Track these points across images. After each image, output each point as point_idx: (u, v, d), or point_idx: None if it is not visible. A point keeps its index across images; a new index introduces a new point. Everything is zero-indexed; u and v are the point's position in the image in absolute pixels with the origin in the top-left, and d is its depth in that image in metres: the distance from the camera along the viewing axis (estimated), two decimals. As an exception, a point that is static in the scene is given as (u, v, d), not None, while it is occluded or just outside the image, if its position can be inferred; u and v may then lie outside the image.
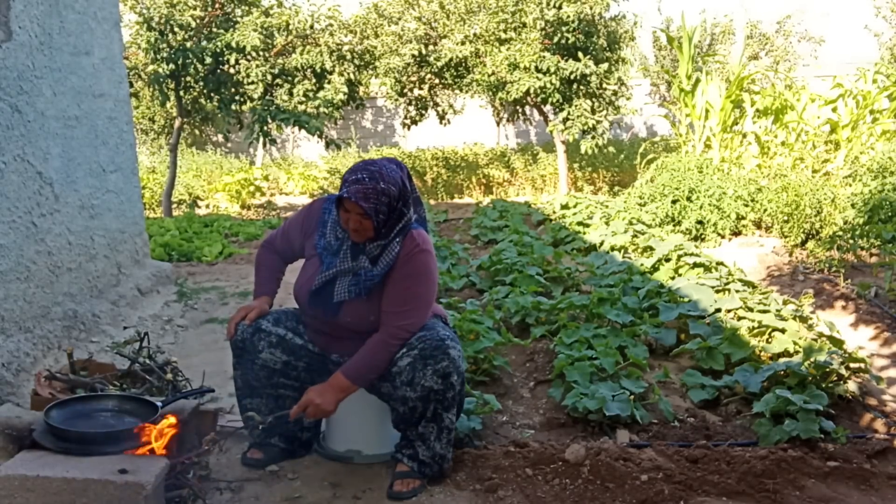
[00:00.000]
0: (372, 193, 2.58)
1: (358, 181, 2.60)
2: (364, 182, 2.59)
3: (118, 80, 5.15)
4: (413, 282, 2.69)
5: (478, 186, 13.97)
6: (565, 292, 5.43)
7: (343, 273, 2.73)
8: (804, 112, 9.58)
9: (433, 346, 2.64)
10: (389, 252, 2.69)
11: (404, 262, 2.69)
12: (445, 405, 2.70)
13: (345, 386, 2.68)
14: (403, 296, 2.68)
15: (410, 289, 2.69)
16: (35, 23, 4.00)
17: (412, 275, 2.69)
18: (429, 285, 2.74)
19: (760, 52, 16.14)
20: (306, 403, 2.66)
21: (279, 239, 3.01)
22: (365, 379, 2.71)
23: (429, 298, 2.74)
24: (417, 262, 2.69)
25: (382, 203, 2.61)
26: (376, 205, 2.59)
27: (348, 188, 2.59)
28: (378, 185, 2.60)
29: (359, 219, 2.62)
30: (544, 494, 2.70)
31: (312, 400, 2.65)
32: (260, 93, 10.17)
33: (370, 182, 2.59)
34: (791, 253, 6.92)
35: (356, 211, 2.61)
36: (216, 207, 12.81)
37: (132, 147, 5.38)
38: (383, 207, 2.62)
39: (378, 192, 2.59)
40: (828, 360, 3.59)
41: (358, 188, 2.58)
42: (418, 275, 2.70)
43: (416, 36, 11.46)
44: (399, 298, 2.68)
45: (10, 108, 3.73)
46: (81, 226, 4.47)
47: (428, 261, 2.72)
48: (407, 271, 2.69)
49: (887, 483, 2.81)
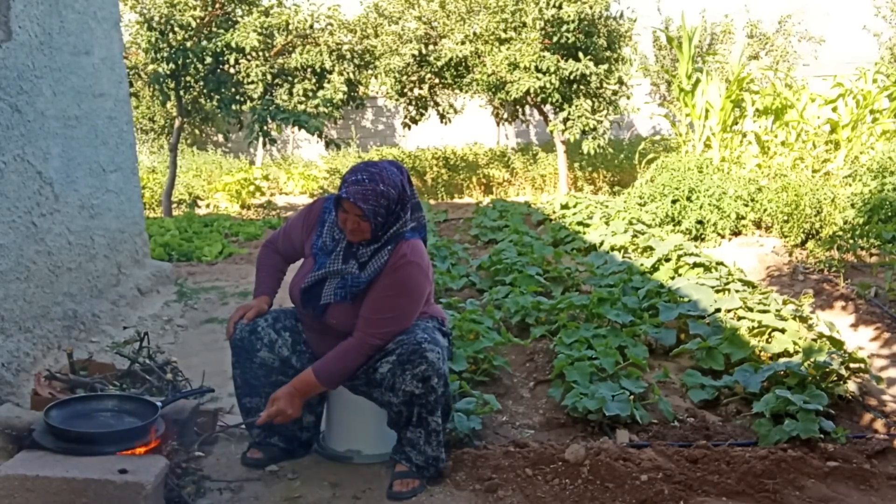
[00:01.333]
0: (371, 195, 2.58)
1: (357, 182, 2.59)
2: (364, 183, 2.59)
3: (118, 80, 5.15)
4: (395, 292, 2.67)
5: (478, 186, 13.96)
6: (565, 292, 5.43)
7: (332, 275, 2.73)
8: (804, 112, 9.57)
9: (410, 350, 2.63)
10: (378, 259, 2.68)
11: (391, 271, 2.67)
12: (429, 408, 2.69)
13: (312, 386, 2.66)
14: (383, 305, 2.66)
15: (392, 299, 2.67)
16: (35, 22, 4.00)
17: (396, 285, 2.67)
18: (411, 297, 2.71)
19: (761, 52, 16.13)
20: (277, 413, 2.64)
21: (281, 238, 3.01)
22: (334, 380, 2.69)
23: (409, 311, 2.71)
24: (403, 273, 2.68)
25: (381, 206, 2.60)
26: (375, 207, 2.59)
27: (347, 189, 2.59)
28: (378, 186, 2.59)
29: (357, 220, 2.62)
30: (544, 494, 2.70)
31: (284, 411, 2.63)
32: (260, 92, 10.17)
33: (370, 184, 2.59)
34: (791, 253, 6.92)
35: (354, 212, 2.61)
36: (216, 207, 12.80)
37: (132, 147, 5.38)
38: (381, 210, 2.61)
39: (377, 195, 2.59)
40: (828, 360, 3.59)
41: (357, 189, 2.58)
42: (402, 286, 2.68)
43: (416, 35, 11.45)
44: (378, 306, 2.66)
45: (10, 108, 3.73)
46: (81, 226, 4.47)
47: (414, 273, 2.70)
48: (391, 281, 2.67)
49: (887, 483, 2.81)
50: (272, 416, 2.65)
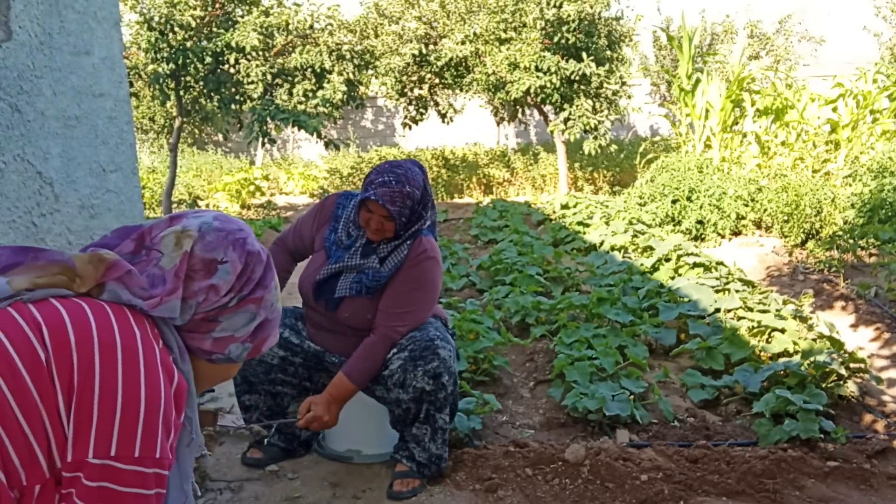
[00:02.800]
0: (398, 197, 2.60)
1: (385, 184, 2.60)
2: (391, 185, 2.60)
3: (118, 80, 5.14)
4: (415, 286, 2.69)
5: (478, 186, 13.95)
6: (565, 292, 5.43)
7: (348, 269, 2.74)
8: (804, 112, 9.57)
9: (423, 346, 2.64)
10: (398, 254, 2.70)
11: (411, 266, 2.69)
12: (438, 406, 2.69)
13: (347, 390, 2.67)
14: (404, 299, 2.68)
15: (412, 293, 2.69)
16: (35, 22, 4.00)
17: (416, 279, 2.69)
18: (430, 292, 2.73)
19: (761, 52, 16.13)
20: (314, 419, 2.63)
21: (291, 236, 3.00)
22: (365, 378, 2.70)
23: (428, 305, 2.74)
24: (423, 268, 2.70)
25: (406, 206, 2.62)
26: (401, 208, 2.61)
27: (375, 190, 2.59)
28: (404, 188, 2.61)
29: (381, 220, 2.63)
30: (544, 494, 2.70)
31: (321, 417, 2.63)
32: (260, 92, 10.17)
33: (397, 186, 2.60)
34: (791, 253, 6.92)
35: (380, 213, 2.62)
36: (216, 207, 12.79)
37: (132, 147, 5.36)
38: (406, 210, 2.63)
39: (404, 196, 2.61)
40: (827, 360, 3.59)
41: (385, 191, 2.59)
42: (422, 280, 2.70)
43: (416, 35, 11.45)
44: (399, 301, 2.68)
45: (9, 108, 3.72)
46: (81, 226, 4.46)
47: (433, 268, 2.72)
48: (411, 275, 2.69)
49: (887, 483, 2.81)
50: (309, 423, 2.64)
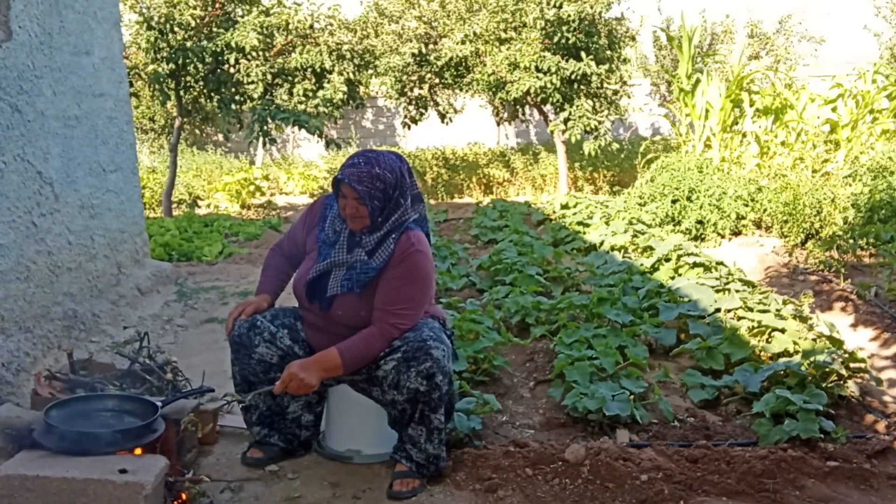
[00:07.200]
0: (366, 177, 2.63)
1: (353, 165, 2.67)
2: (359, 166, 2.66)
3: (118, 80, 5.15)
4: (406, 281, 2.69)
5: (478, 186, 13.95)
6: (565, 292, 5.43)
7: (338, 265, 2.75)
8: (804, 112, 9.58)
9: (415, 347, 2.64)
10: (385, 248, 2.70)
11: (399, 260, 2.69)
12: (432, 406, 2.69)
13: (335, 364, 2.62)
14: (396, 295, 2.68)
15: (404, 288, 2.69)
16: (35, 22, 4.00)
17: (406, 274, 2.69)
18: (423, 286, 2.73)
19: (761, 52, 16.12)
20: (289, 378, 2.58)
21: (286, 241, 3.04)
22: (355, 362, 2.66)
23: (422, 300, 2.74)
24: (412, 261, 2.70)
25: (377, 188, 2.64)
26: (370, 189, 2.63)
27: (344, 171, 2.66)
28: (373, 169, 2.65)
29: (355, 204, 2.66)
30: (544, 494, 2.70)
31: (296, 374, 2.57)
32: (260, 92, 10.16)
33: (365, 166, 2.65)
34: (791, 253, 6.92)
35: (352, 195, 2.65)
36: (216, 207, 12.80)
37: (132, 147, 5.38)
38: (378, 193, 2.65)
39: (373, 177, 2.64)
40: (828, 360, 3.59)
41: (353, 171, 2.64)
42: (412, 275, 2.70)
43: (416, 35, 11.45)
44: (392, 297, 2.68)
45: (10, 108, 3.73)
46: (81, 225, 4.47)
47: (423, 261, 2.72)
48: (401, 270, 2.69)
49: (887, 483, 2.81)
50: (286, 383, 2.58)
